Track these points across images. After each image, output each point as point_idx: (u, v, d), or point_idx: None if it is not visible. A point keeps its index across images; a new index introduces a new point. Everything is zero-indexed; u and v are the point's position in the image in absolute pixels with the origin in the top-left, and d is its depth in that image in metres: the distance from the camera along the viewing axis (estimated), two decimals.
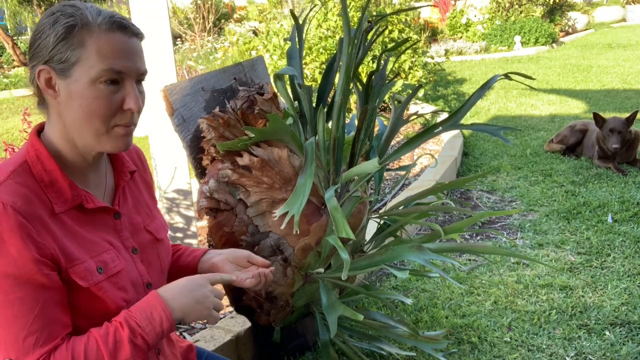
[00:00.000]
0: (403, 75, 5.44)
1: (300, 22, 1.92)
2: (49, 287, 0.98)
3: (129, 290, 1.11)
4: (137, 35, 1.05)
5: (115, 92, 1.02)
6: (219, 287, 1.27)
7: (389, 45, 1.91)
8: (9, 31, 11.07)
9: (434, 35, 11.70)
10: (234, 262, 1.29)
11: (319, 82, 1.94)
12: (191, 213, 2.52)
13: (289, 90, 1.86)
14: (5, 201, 0.96)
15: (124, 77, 1.02)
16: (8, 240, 0.95)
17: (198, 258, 1.32)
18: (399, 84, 5.28)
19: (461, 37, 11.62)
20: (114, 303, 1.07)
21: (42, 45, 1.01)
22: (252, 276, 1.26)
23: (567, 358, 1.94)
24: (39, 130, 1.09)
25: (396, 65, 5.28)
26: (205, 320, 1.06)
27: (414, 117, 1.98)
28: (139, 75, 1.05)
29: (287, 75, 1.86)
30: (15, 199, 0.97)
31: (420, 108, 5.66)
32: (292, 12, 1.98)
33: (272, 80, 1.88)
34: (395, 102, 1.98)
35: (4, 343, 0.97)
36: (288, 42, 1.95)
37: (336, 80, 1.98)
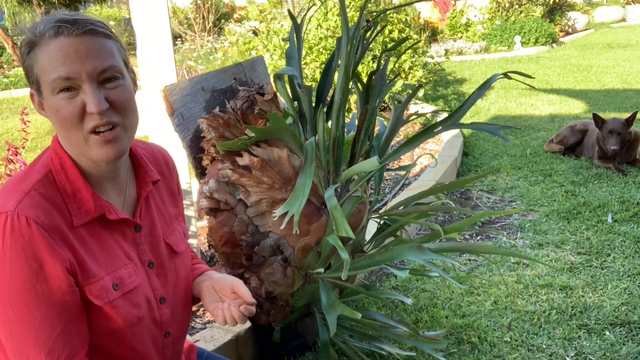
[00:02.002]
0: (403, 75, 5.44)
1: (299, 22, 1.92)
2: (70, 303, 0.98)
3: (142, 306, 1.09)
4: (90, 31, 0.96)
5: (73, 97, 0.96)
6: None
7: (390, 46, 1.91)
8: (9, 31, 11.08)
9: (434, 35, 11.70)
10: (217, 291, 1.22)
11: (319, 81, 1.94)
12: (191, 213, 2.52)
13: (289, 90, 1.86)
14: (28, 215, 0.94)
15: (76, 81, 0.95)
16: (31, 255, 0.93)
17: (194, 277, 1.28)
18: (399, 84, 5.28)
19: (461, 37, 11.62)
20: (126, 320, 1.05)
21: (23, 67, 1.01)
22: (222, 314, 1.17)
23: (567, 358, 1.94)
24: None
25: (396, 65, 5.28)
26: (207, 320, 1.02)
27: (414, 116, 1.98)
28: (99, 75, 0.96)
29: (287, 75, 1.86)
30: (37, 213, 0.96)
31: (420, 108, 5.66)
32: (289, 12, 1.98)
33: (272, 80, 1.88)
34: (395, 102, 1.98)
35: (27, 357, 0.96)
36: (288, 42, 1.95)
37: (335, 80, 1.98)
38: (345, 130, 1.93)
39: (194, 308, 2.20)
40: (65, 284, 0.96)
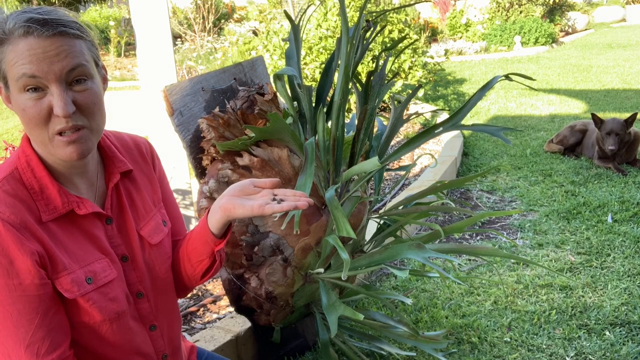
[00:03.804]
0: (403, 75, 5.44)
1: (297, 22, 1.92)
2: (45, 295, 0.98)
3: (121, 301, 1.08)
4: (60, 33, 0.95)
5: (40, 98, 0.95)
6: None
7: (389, 46, 1.92)
8: None
9: (434, 35, 11.70)
10: (241, 195, 1.10)
11: (319, 82, 1.94)
12: (191, 213, 2.52)
13: (289, 90, 1.86)
14: None
15: (43, 81, 0.94)
16: (1, 252, 0.94)
17: (206, 217, 1.17)
18: (398, 84, 5.28)
19: (461, 37, 11.62)
20: (103, 314, 1.04)
21: None
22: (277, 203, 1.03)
23: (567, 358, 1.94)
24: None
25: (396, 65, 5.28)
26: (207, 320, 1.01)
27: (414, 116, 1.98)
28: (67, 75, 0.96)
29: (287, 75, 1.86)
30: (3, 209, 0.96)
31: (420, 108, 5.66)
32: (286, 12, 1.98)
33: (272, 80, 1.88)
34: (395, 102, 1.98)
35: (7, 353, 0.96)
36: (287, 42, 1.95)
37: (335, 80, 1.98)
38: (345, 130, 1.92)
39: (194, 308, 2.20)
40: (37, 277, 0.96)
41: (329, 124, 1.80)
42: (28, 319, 0.96)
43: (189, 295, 2.31)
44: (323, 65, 4.81)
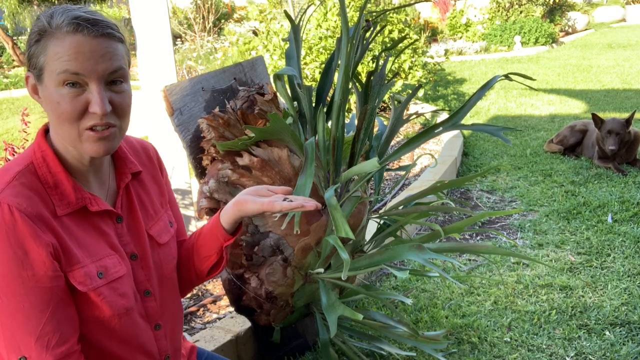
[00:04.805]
0: (403, 75, 5.44)
1: (298, 22, 1.92)
2: (57, 288, 0.98)
3: (130, 297, 1.09)
4: (107, 34, 1.00)
5: (79, 94, 0.98)
6: None
7: (389, 46, 1.92)
8: (9, 31, 11.07)
9: (434, 35, 11.70)
10: (254, 194, 1.17)
11: (319, 82, 1.94)
12: (191, 213, 2.52)
13: (289, 90, 1.86)
14: (10, 203, 0.95)
15: (84, 78, 0.97)
16: (16, 243, 0.94)
17: (218, 214, 1.21)
18: (398, 84, 5.27)
19: (461, 37, 11.62)
20: (113, 309, 1.05)
21: (27, 52, 1.02)
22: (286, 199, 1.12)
23: (567, 358, 1.94)
24: (46, 130, 1.08)
25: (396, 65, 5.28)
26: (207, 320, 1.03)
27: (414, 117, 1.98)
28: (108, 75, 0.99)
29: (287, 75, 1.86)
30: (20, 201, 0.97)
31: (420, 108, 5.66)
32: (286, 12, 1.98)
33: (272, 80, 1.88)
34: (395, 102, 1.98)
35: (17, 344, 0.97)
36: (287, 42, 1.95)
37: (335, 80, 1.98)
38: (345, 130, 1.92)
39: (194, 308, 2.20)
40: (51, 269, 0.97)
41: (329, 124, 1.80)
42: (39, 311, 0.97)
43: (188, 295, 2.31)
44: (323, 65, 4.80)
